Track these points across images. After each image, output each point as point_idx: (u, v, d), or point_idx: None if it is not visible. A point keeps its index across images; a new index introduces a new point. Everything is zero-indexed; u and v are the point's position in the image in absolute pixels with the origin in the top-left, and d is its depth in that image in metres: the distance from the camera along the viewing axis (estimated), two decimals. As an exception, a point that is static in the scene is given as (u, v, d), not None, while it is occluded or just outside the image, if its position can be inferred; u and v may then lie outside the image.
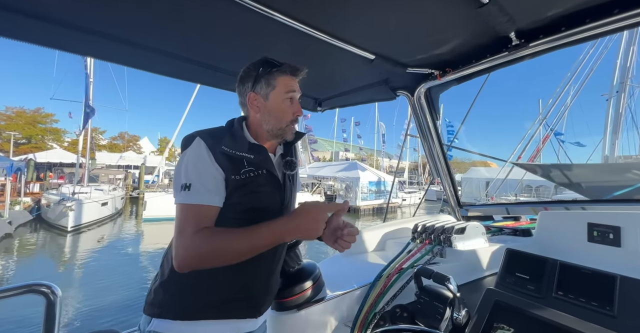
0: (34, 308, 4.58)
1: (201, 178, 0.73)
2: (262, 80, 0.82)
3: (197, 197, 0.72)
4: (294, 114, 0.85)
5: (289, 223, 0.73)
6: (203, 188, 0.73)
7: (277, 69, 0.82)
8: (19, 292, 0.92)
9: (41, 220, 13.10)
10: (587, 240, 1.21)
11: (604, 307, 0.70)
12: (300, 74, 0.86)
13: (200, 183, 0.73)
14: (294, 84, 0.85)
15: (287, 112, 0.84)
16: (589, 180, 3.55)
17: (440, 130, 1.70)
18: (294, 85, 0.85)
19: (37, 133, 29.35)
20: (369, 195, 20.19)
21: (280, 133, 0.84)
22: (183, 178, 0.73)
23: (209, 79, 1.39)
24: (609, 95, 9.61)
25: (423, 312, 0.91)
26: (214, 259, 0.70)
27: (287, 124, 0.84)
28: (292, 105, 0.85)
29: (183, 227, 0.70)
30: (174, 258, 0.69)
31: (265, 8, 0.84)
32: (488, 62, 1.14)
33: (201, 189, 0.72)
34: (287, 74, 0.83)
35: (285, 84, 0.83)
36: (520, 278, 0.86)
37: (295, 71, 0.84)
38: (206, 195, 0.73)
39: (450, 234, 1.26)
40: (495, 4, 0.83)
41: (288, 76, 0.83)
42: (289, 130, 0.85)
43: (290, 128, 0.85)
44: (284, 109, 0.83)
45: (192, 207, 0.72)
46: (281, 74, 0.82)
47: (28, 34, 0.93)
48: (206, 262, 0.70)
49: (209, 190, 0.73)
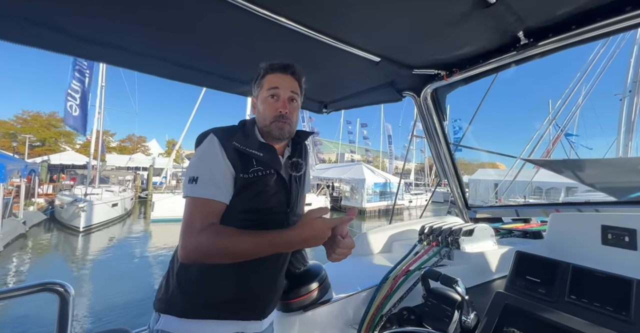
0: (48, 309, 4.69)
1: (210, 172, 0.74)
2: (257, 83, 0.86)
3: (204, 190, 0.73)
4: (276, 110, 0.82)
5: (293, 236, 0.71)
6: (210, 182, 0.74)
7: (264, 69, 0.85)
8: (34, 290, 0.95)
9: (54, 220, 13.43)
10: (601, 243, 1.18)
11: (619, 312, 0.67)
12: (285, 70, 0.84)
13: (208, 177, 0.74)
14: (277, 80, 0.83)
15: (269, 108, 0.82)
16: (603, 179, 3.43)
17: (447, 130, 1.68)
18: (277, 81, 0.83)
19: (51, 136, 30.20)
20: (374, 197, 20.08)
21: (267, 131, 0.83)
22: (192, 172, 0.75)
23: (215, 83, 1.41)
24: (622, 95, 9.34)
25: (431, 315, 0.89)
26: (216, 258, 0.72)
27: (272, 121, 0.82)
28: (275, 101, 0.83)
29: (191, 221, 0.72)
30: (180, 248, 0.71)
31: (271, 13, 0.85)
32: (496, 62, 1.13)
33: (208, 183, 0.74)
34: (271, 71, 0.84)
35: (269, 81, 0.84)
36: (531, 281, 0.84)
37: (276, 68, 0.84)
38: (213, 190, 0.74)
39: (458, 236, 1.24)
40: (503, 4, 0.82)
41: (272, 74, 0.84)
42: (274, 127, 0.82)
43: (276, 125, 0.82)
44: (266, 105, 0.83)
45: (198, 201, 0.73)
46: (267, 72, 0.85)
47: (45, 42, 0.97)
48: (208, 259, 0.72)
49: (216, 185, 0.74)
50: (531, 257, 0.90)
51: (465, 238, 1.24)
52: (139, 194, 22.14)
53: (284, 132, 0.84)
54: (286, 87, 0.84)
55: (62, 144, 31.42)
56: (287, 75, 0.85)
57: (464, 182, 1.88)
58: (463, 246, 1.23)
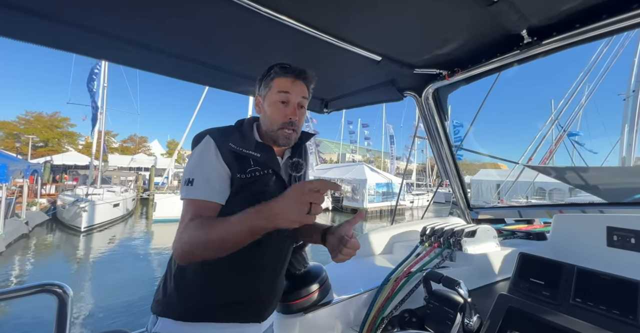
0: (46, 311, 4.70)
1: (204, 174, 0.74)
2: (264, 82, 0.84)
3: (198, 192, 0.73)
4: (286, 116, 0.80)
5: (263, 206, 0.63)
6: (205, 184, 0.74)
7: (275, 71, 0.83)
8: (32, 291, 0.95)
9: (56, 220, 13.50)
10: (606, 245, 1.16)
11: (626, 316, 0.66)
12: (299, 76, 0.82)
13: (202, 179, 0.74)
14: (289, 85, 0.81)
15: (278, 114, 0.81)
16: (606, 182, 3.41)
17: (448, 131, 1.67)
18: (289, 86, 0.81)
19: (54, 136, 30.41)
20: (375, 197, 20.04)
21: (273, 136, 0.82)
22: (188, 174, 0.75)
23: (218, 82, 1.41)
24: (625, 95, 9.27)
25: (433, 318, 0.88)
26: (202, 250, 0.67)
27: (280, 127, 0.81)
28: (285, 107, 0.81)
29: (182, 221, 0.72)
30: (173, 248, 0.70)
31: (273, 11, 0.85)
32: (498, 61, 1.12)
33: (203, 185, 0.74)
34: (283, 75, 0.82)
35: (279, 84, 0.82)
36: (535, 283, 0.83)
37: (287, 72, 0.81)
38: (207, 191, 0.74)
39: (460, 237, 1.23)
40: (506, 2, 0.81)
41: (284, 78, 0.82)
42: (281, 134, 0.81)
43: (283, 133, 0.80)
44: (275, 109, 0.81)
45: (192, 202, 0.73)
46: (277, 75, 0.82)
47: (43, 37, 0.96)
48: (198, 253, 0.68)
49: (211, 187, 0.74)
50: (535, 259, 0.88)
51: (467, 240, 1.23)
52: (141, 194, 22.23)
53: (290, 141, 0.83)
54: (298, 93, 0.82)
55: (64, 144, 31.63)
56: (299, 81, 0.83)
57: (465, 183, 1.87)
58: (465, 247, 1.21)
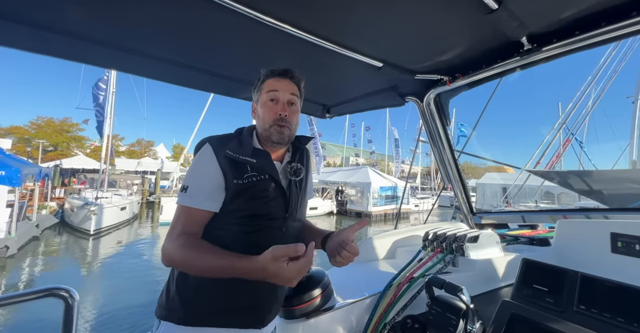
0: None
1: (199, 182, 0.78)
2: (257, 88, 0.89)
3: (190, 199, 0.77)
4: (276, 113, 0.83)
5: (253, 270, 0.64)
6: (198, 191, 0.77)
7: (265, 74, 0.87)
8: (39, 295, 0.96)
9: (64, 223, 13.69)
10: (610, 251, 1.14)
11: (631, 324, 0.65)
12: (284, 74, 0.86)
13: (196, 187, 0.77)
14: (276, 84, 0.85)
15: (268, 112, 0.84)
16: (611, 187, 3.34)
17: (450, 135, 1.67)
18: (277, 85, 0.85)
19: (63, 141, 31.04)
20: (379, 201, 19.92)
21: (267, 135, 0.84)
22: (185, 180, 0.80)
23: (221, 88, 1.44)
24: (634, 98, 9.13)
25: (435, 324, 0.88)
26: (181, 267, 0.76)
27: (271, 124, 0.83)
28: (275, 105, 0.84)
29: (173, 227, 0.76)
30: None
31: (276, 20, 0.87)
32: (499, 67, 1.12)
33: (196, 192, 0.77)
34: (270, 76, 0.86)
35: (268, 85, 0.86)
36: (538, 290, 0.82)
37: (274, 72, 0.86)
38: (199, 199, 0.77)
39: (462, 243, 1.22)
40: (505, 10, 0.82)
41: (272, 78, 0.86)
42: (274, 132, 0.83)
43: (276, 129, 0.83)
44: (266, 108, 0.85)
45: (184, 209, 0.77)
46: (266, 77, 0.87)
47: (54, 50, 1.00)
48: (177, 267, 0.77)
49: (204, 195, 0.77)
50: (538, 265, 0.88)
51: (470, 245, 1.22)
52: (147, 198, 22.45)
53: (284, 136, 0.84)
54: (285, 90, 0.85)
55: (73, 148, 32.24)
56: (286, 79, 0.87)
57: (468, 187, 1.86)
58: (468, 253, 1.21)
